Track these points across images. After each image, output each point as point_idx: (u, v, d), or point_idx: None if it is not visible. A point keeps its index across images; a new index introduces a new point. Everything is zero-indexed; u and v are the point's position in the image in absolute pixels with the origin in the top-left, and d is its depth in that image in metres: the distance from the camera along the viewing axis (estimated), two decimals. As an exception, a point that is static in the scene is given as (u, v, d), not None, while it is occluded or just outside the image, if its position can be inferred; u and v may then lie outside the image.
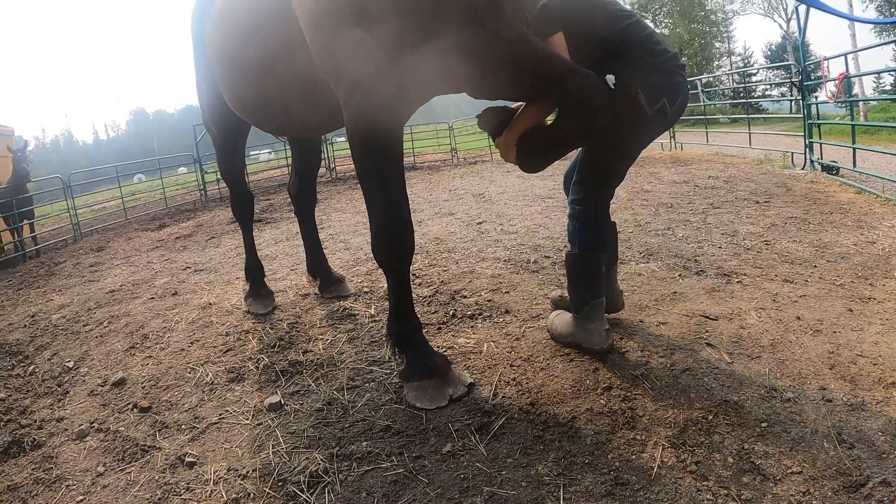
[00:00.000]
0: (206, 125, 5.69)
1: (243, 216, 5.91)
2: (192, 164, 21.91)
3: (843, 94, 11.04)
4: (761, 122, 28.85)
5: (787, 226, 6.82)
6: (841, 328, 3.93)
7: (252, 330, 5.13)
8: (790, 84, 15.40)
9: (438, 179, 16.62)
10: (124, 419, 3.90)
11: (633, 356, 3.73)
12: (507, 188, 12.40)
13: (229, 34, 4.29)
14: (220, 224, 13.27)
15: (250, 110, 4.62)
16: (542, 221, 7.99)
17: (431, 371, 3.52)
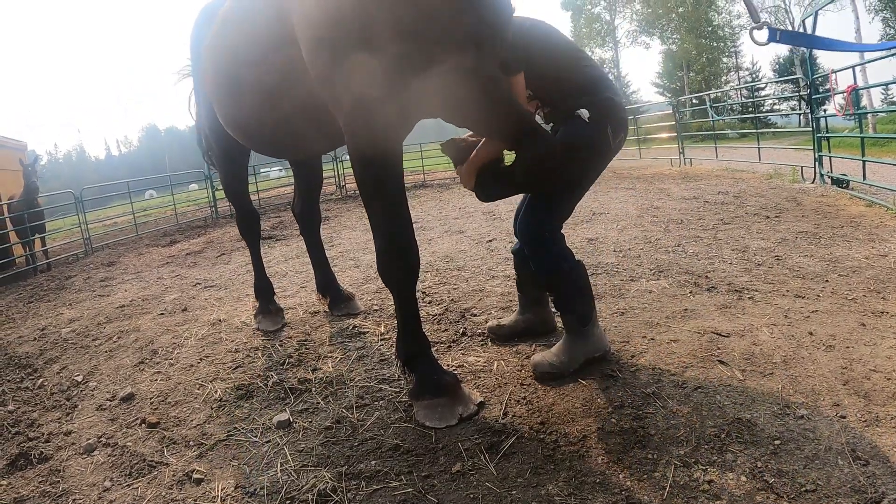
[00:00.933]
0: (206, 146, 5.73)
1: (250, 234, 5.95)
2: (203, 181, 22.04)
3: (852, 107, 10.99)
4: (770, 137, 28.76)
5: (797, 240, 6.79)
6: (854, 343, 3.90)
7: (261, 347, 5.13)
8: (799, 98, 15.39)
9: (448, 197, 16.63)
10: (132, 434, 3.90)
11: (645, 374, 3.70)
12: (516, 205, 12.33)
13: (225, 59, 4.33)
14: (231, 241, 13.30)
15: (246, 133, 4.67)
16: (552, 238, 7.95)
17: (441, 390, 3.51)
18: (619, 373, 3.75)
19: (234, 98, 4.36)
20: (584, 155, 3.73)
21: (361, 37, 3.01)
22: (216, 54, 4.50)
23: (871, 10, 48.41)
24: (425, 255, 7.94)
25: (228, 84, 4.36)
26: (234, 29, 4.23)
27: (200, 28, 5.23)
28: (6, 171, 17.94)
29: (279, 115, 4.02)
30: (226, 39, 4.34)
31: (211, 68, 4.64)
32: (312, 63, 3.32)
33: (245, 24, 4.07)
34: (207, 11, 5.25)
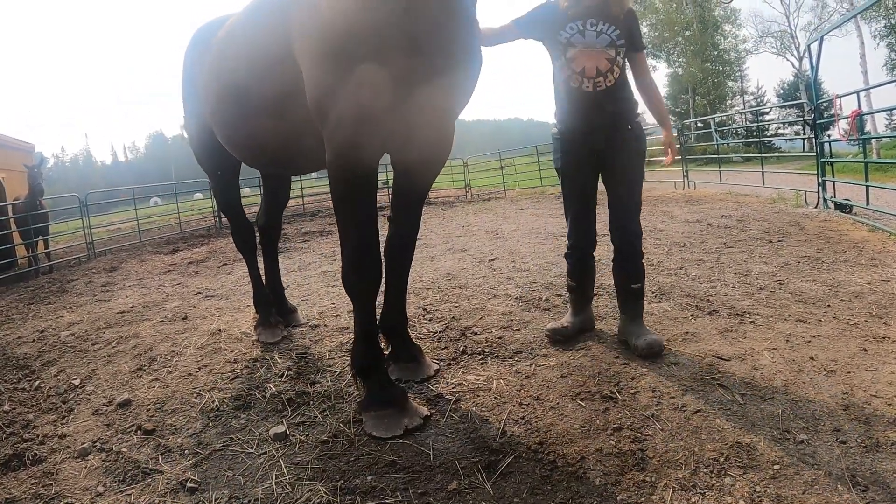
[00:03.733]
0: (198, 160, 5.79)
1: (245, 247, 6.04)
2: (208, 191, 22.10)
3: (856, 132, 11.02)
4: (774, 161, 28.79)
5: (800, 265, 6.79)
6: (855, 368, 3.89)
7: (260, 358, 5.13)
8: (803, 122, 15.41)
9: (452, 215, 16.68)
10: (127, 440, 3.89)
11: (644, 396, 3.69)
12: (519, 225, 12.44)
13: (225, 81, 4.44)
14: (233, 251, 13.24)
15: (246, 152, 4.82)
16: (555, 259, 7.95)
17: (389, 402, 3.65)
18: (618, 394, 3.74)
19: (235, 119, 4.49)
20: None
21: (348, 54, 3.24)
22: (216, 76, 4.62)
23: (876, 35, 48.73)
24: (427, 272, 7.98)
25: (229, 105, 4.48)
26: (234, 52, 4.36)
27: (195, 49, 5.34)
28: (13, 171, 18.08)
29: (279, 135, 4.15)
30: (226, 62, 4.46)
31: (210, 89, 4.75)
32: (307, 79, 3.49)
33: (245, 47, 4.19)
34: (203, 34, 5.36)
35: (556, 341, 4.71)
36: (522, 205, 17.95)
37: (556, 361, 4.35)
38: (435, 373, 4.37)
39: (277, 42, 3.72)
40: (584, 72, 4.28)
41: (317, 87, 3.42)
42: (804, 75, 52.91)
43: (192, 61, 5.33)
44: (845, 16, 36.11)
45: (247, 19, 4.35)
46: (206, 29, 5.35)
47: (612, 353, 4.43)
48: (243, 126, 4.41)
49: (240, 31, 4.39)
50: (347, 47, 3.23)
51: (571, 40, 4.29)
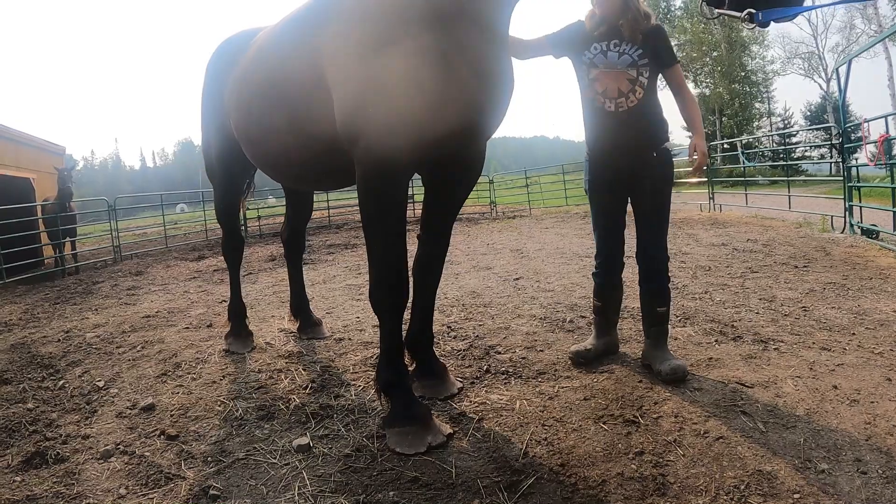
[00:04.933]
0: (209, 171, 5.90)
1: (233, 259, 6.21)
2: None
3: (884, 156, 10.95)
4: (801, 185, 28.59)
5: (825, 291, 6.76)
6: (879, 398, 3.87)
7: (285, 369, 5.18)
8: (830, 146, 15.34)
9: (477, 232, 16.72)
10: (151, 445, 3.94)
11: (667, 422, 3.70)
12: (544, 245, 12.45)
13: (256, 96, 4.50)
14: (259, 261, 13.46)
15: (273, 168, 4.88)
16: (579, 280, 7.98)
17: (414, 419, 3.67)
18: (640, 419, 3.75)
19: (263, 135, 4.56)
20: None
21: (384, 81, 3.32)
22: (245, 90, 4.68)
23: (903, 57, 48.28)
24: (452, 290, 8.01)
25: (257, 122, 4.54)
26: (264, 70, 4.42)
27: (221, 61, 5.44)
28: (44, 173, 18.40)
29: (306, 154, 4.23)
30: (256, 79, 4.52)
31: (238, 103, 4.82)
32: (337, 101, 3.56)
33: (276, 66, 4.25)
34: (229, 47, 5.45)
35: (579, 364, 4.73)
36: (547, 224, 17.94)
37: (579, 384, 4.37)
38: (458, 391, 4.39)
39: (308, 64, 3.79)
40: (607, 92, 4.38)
41: (348, 110, 3.49)
42: (832, 98, 52.55)
43: (218, 72, 5.42)
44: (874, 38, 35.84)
45: (278, 38, 4.42)
46: (233, 42, 5.45)
47: (636, 377, 4.45)
48: (272, 143, 4.49)
49: (270, 50, 4.46)
50: (380, 72, 3.30)
51: (594, 61, 4.41)
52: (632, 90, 4.33)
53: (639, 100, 4.35)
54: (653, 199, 4.51)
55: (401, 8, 3.33)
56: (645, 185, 4.50)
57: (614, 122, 4.41)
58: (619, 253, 4.77)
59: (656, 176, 4.48)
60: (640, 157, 4.44)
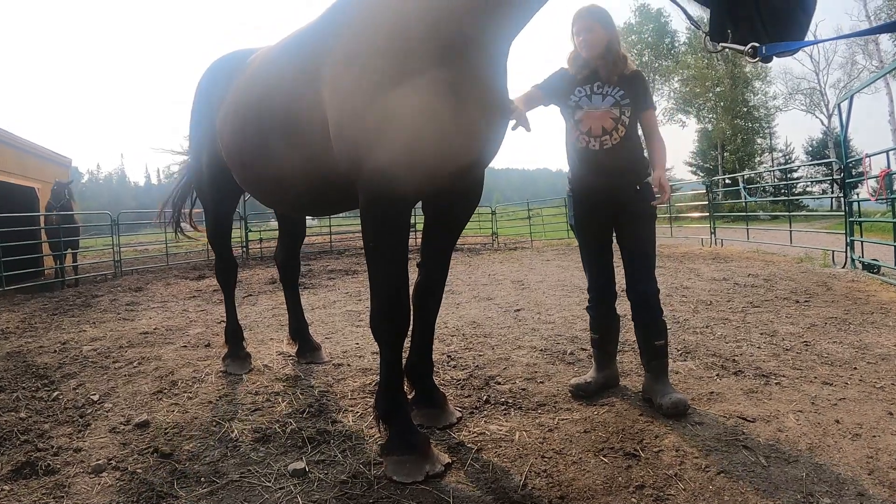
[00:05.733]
0: (199, 193, 5.96)
1: (227, 282, 6.18)
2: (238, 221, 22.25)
3: (885, 191, 11.01)
4: (802, 220, 28.67)
5: (827, 326, 6.76)
6: (881, 432, 3.86)
7: (282, 393, 5.16)
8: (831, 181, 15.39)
9: (478, 263, 16.75)
10: (143, 462, 3.90)
11: (668, 455, 3.67)
12: (546, 277, 12.47)
13: (249, 123, 4.52)
14: (259, 283, 13.55)
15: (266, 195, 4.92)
16: (580, 313, 7.95)
17: (412, 447, 3.62)
18: (641, 452, 3.72)
19: (256, 161, 4.58)
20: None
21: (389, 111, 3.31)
22: (240, 113, 4.68)
23: (905, 93, 48.68)
24: (452, 319, 8.00)
25: (251, 147, 4.56)
26: (262, 91, 4.42)
27: (212, 83, 5.45)
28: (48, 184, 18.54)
29: (301, 182, 4.24)
30: (251, 104, 4.53)
31: (232, 126, 4.82)
32: (338, 130, 3.55)
33: (275, 88, 4.25)
34: (221, 68, 5.47)
35: (580, 396, 4.71)
36: (549, 256, 17.98)
37: (579, 416, 4.34)
38: (457, 420, 4.36)
39: (307, 90, 3.79)
40: (591, 131, 4.51)
41: (350, 138, 3.49)
42: (833, 133, 52.90)
43: (210, 93, 5.43)
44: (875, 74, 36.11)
45: (276, 61, 4.42)
46: (226, 62, 5.47)
47: (636, 410, 4.43)
48: (265, 169, 4.50)
49: (268, 73, 4.46)
50: (386, 103, 3.30)
51: (579, 103, 4.55)
52: (615, 128, 4.47)
53: (621, 137, 4.48)
54: (637, 234, 4.59)
55: (406, 38, 3.35)
56: (629, 220, 4.59)
57: (598, 159, 4.54)
58: (610, 285, 4.82)
59: (639, 210, 4.55)
60: (623, 193, 4.54)
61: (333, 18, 3.85)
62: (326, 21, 3.92)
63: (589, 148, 4.54)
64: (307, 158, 3.99)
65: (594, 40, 4.40)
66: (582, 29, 4.44)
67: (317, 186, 4.17)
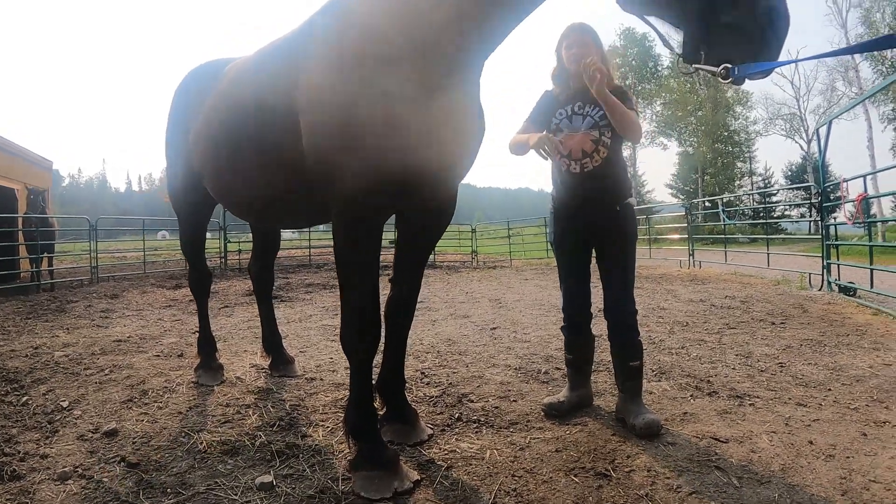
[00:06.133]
0: (174, 203, 5.89)
1: (200, 292, 6.17)
2: (217, 231, 22.11)
3: (862, 215, 11.15)
4: (780, 243, 28.90)
5: (802, 348, 6.78)
6: (854, 453, 3.86)
7: (253, 405, 5.08)
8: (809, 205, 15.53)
9: (457, 280, 16.77)
10: (110, 471, 3.82)
11: (639, 476, 3.63)
12: (523, 296, 12.48)
13: (222, 133, 4.50)
14: (236, 294, 13.48)
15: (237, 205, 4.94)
16: (556, 332, 7.90)
17: (381, 463, 3.58)
18: (613, 472, 3.68)
19: (228, 171, 4.58)
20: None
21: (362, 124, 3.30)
22: (214, 122, 4.66)
23: (883, 119, 49.54)
24: (428, 336, 7.97)
25: (223, 158, 4.55)
26: (237, 100, 4.40)
27: (188, 92, 5.44)
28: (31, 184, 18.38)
29: (275, 191, 4.22)
30: (225, 114, 4.51)
31: (204, 137, 4.81)
32: (312, 143, 3.54)
33: (250, 97, 4.22)
34: (197, 78, 5.45)
35: (552, 416, 4.67)
36: (527, 275, 18.01)
37: (551, 435, 4.30)
38: (428, 437, 4.31)
39: (283, 100, 3.76)
40: (571, 154, 4.52)
41: (323, 150, 3.46)
42: (812, 158, 53.51)
43: (186, 102, 5.41)
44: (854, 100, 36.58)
45: (253, 71, 4.41)
46: (203, 72, 5.45)
47: (609, 430, 4.39)
48: (239, 179, 4.47)
49: (243, 83, 4.43)
50: (359, 112, 3.27)
51: (560, 125, 4.58)
52: (595, 150, 4.46)
53: (602, 159, 4.48)
54: (616, 254, 4.59)
55: (382, 52, 3.32)
56: (608, 240, 4.59)
57: (579, 181, 4.53)
58: (586, 305, 4.81)
59: (619, 231, 4.55)
60: (604, 213, 4.54)
61: (310, 30, 3.83)
62: (303, 32, 3.91)
63: (570, 171, 4.54)
64: (279, 169, 3.96)
65: (586, 55, 4.38)
66: (574, 43, 4.48)
67: (289, 198, 4.15)
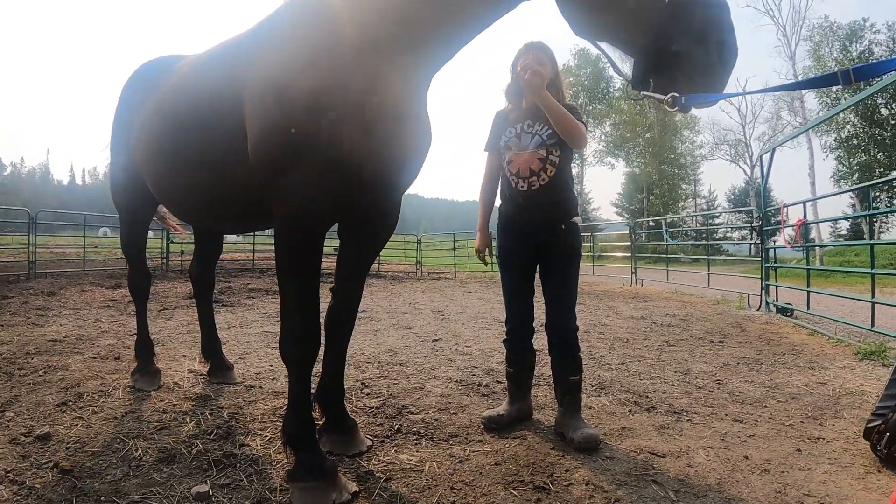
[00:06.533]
0: (115, 200, 5.78)
1: (139, 293, 6.04)
2: (160, 230, 21.72)
3: (801, 239, 11.42)
4: (720, 263, 29.47)
5: (739, 366, 6.89)
6: (789, 468, 3.92)
7: (191, 412, 4.97)
8: (750, 228, 15.85)
9: (400, 291, 16.75)
10: (42, 477, 3.69)
11: (577, 489, 3.63)
12: (466, 308, 12.49)
13: (170, 127, 4.43)
14: (177, 297, 13.25)
15: (177, 206, 4.87)
16: (498, 346, 7.94)
17: (319, 474, 3.52)
18: (551, 485, 3.68)
19: (170, 171, 4.52)
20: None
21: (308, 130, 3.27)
22: (159, 119, 4.59)
23: (825, 148, 50.88)
24: (369, 347, 7.92)
25: (166, 157, 4.49)
26: (184, 98, 4.35)
27: (136, 87, 5.35)
28: None
29: (217, 193, 4.17)
30: (173, 105, 4.46)
31: (148, 135, 4.74)
32: (257, 146, 3.49)
33: (196, 96, 4.18)
34: (146, 73, 5.37)
35: (492, 428, 4.66)
36: (471, 288, 18.05)
37: (491, 448, 4.29)
38: (367, 449, 4.26)
39: (229, 100, 3.72)
40: (519, 173, 4.58)
41: (267, 155, 3.42)
42: (755, 183, 54.67)
43: (132, 98, 5.32)
44: (798, 129, 37.53)
45: (202, 69, 4.35)
46: (151, 68, 5.35)
47: (548, 443, 4.39)
48: (181, 179, 4.41)
49: (191, 81, 4.39)
50: (305, 120, 3.25)
51: (509, 143, 4.66)
52: (543, 169, 4.52)
53: (550, 178, 4.53)
54: (560, 271, 4.63)
55: (330, 59, 3.30)
56: (552, 257, 4.64)
57: (526, 199, 4.59)
58: (528, 319, 4.84)
59: (564, 248, 4.61)
60: (549, 231, 4.59)
61: (260, 34, 3.81)
62: (254, 34, 3.88)
63: (518, 188, 4.60)
64: (222, 173, 3.91)
65: (543, 73, 4.45)
66: (532, 60, 4.51)
67: (231, 202, 4.10)
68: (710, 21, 2.63)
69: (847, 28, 48.81)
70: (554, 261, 4.63)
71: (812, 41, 49.43)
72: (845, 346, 8.18)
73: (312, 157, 3.26)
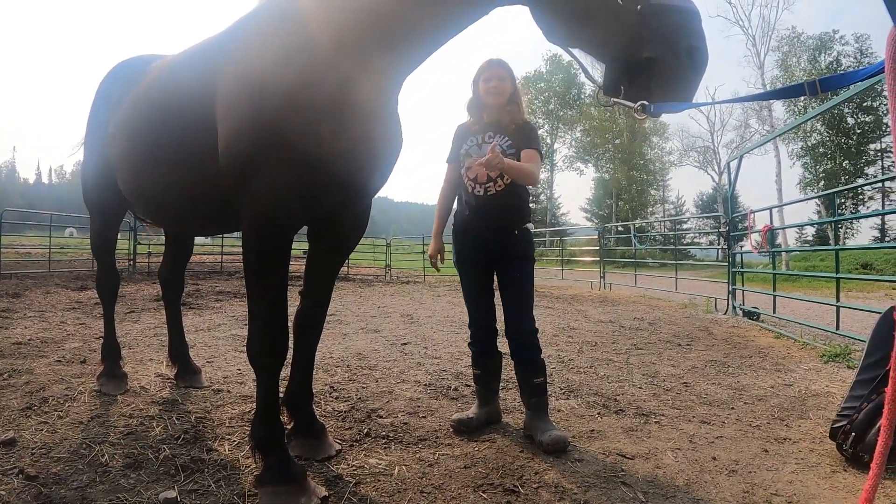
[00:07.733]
0: (87, 203, 5.72)
1: (107, 295, 5.96)
2: (128, 231, 21.42)
3: (767, 245, 11.55)
4: (688, 268, 29.72)
5: (706, 368, 6.96)
6: (756, 468, 3.96)
7: (158, 417, 4.90)
8: (718, 233, 16.01)
9: (369, 294, 16.72)
10: (7, 483, 3.62)
11: (546, 492, 3.63)
12: (435, 312, 12.49)
13: (140, 132, 4.41)
14: (143, 300, 13.10)
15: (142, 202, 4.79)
16: (466, 350, 7.85)
17: (288, 478, 3.49)
18: (521, 488, 3.67)
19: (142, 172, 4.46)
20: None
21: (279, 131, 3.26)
22: (132, 119, 4.55)
23: (792, 156, 51.62)
24: (338, 350, 7.90)
25: (138, 157, 4.45)
26: (157, 98, 4.31)
27: (112, 86, 5.30)
28: None
29: (184, 197, 4.17)
30: (147, 105, 4.42)
31: (124, 133, 4.68)
32: (227, 148, 3.47)
33: (169, 96, 4.15)
34: (122, 72, 5.31)
35: (461, 432, 4.67)
36: (440, 292, 18.06)
37: (460, 451, 4.28)
38: (336, 453, 4.22)
39: (201, 101, 3.69)
40: (477, 179, 4.69)
41: (238, 156, 3.39)
42: (723, 189, 55.23)
43: (107, 97, 5.27)
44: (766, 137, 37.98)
45: (178, 69, 4.32)
46: (129, 66, 5.29)
47: (517, 446, 4.39)
48: (152, 179, 4.37)
49: (165, 81, 4.35)
50: (277, 121, 3.24)
51: (469, 151, 4.75)
52: (500, 176, 4.60)
53: (506, 184, 4.64)
54: (515, 276, 4.70)
55: (303, 62, 3.29)
56: (507, 262, 4.72)
57: (481, 204, 4.70)
58: (490, 322, 4.91)
59: (517, 253, 4.70)
60: (503, 235, 4.69)
61: (234, 33, 3.78)
62: (229, 34, 3.85)
63: (474, 193, 4.70)
64: (194, 173, 3.87)
65: (503, 89, 4.61)
66: (493, 76, 4.64)
67: (201, 205, 4.07)
68: (681, 28, 2.65)
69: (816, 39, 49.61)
70: (508, 266, 4.71)
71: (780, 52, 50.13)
72: (811, 348, 8.29)
73: (282, 158, 3.25)
